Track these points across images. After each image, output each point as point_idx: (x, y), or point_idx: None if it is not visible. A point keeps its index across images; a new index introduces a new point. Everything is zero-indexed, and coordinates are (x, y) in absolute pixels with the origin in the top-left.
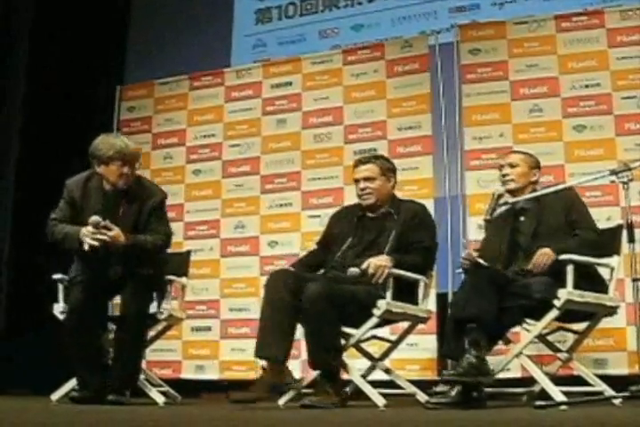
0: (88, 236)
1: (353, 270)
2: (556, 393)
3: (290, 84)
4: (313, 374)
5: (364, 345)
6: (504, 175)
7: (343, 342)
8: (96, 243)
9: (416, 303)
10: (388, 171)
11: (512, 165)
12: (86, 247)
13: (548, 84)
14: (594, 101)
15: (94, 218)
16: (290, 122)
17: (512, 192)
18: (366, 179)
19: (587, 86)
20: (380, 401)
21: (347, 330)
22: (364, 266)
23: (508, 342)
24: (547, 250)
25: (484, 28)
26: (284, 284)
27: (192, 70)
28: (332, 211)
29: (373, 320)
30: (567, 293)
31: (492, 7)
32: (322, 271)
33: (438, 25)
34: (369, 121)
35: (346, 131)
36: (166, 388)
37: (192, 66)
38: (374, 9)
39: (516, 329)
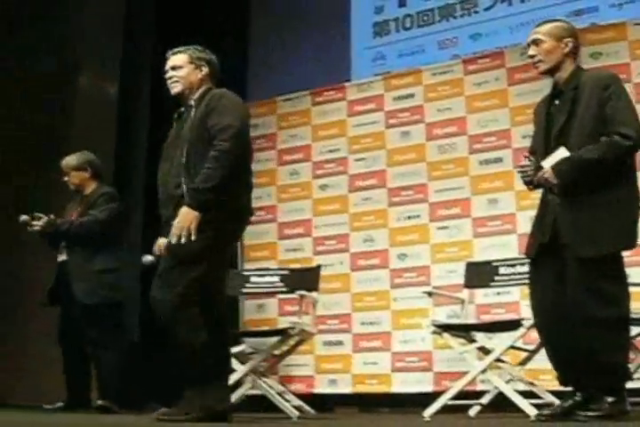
0: None
1: (148, 259)
2: None
3: (412, 95)
4: None
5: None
6: (530, 56)
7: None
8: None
9: None
10: (199, 59)
11: (536, 43)
12: None
13: None
14: None
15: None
16: (414, 134)
17: (547, 73)
18: (173, 68)
19: None
20: (532, 411)
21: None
22: None
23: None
24: (548, 172)
25: (604, 31)
26: None
27: (313, 86)
28: (459, 222)
29: None
30: None
31: (610, 9)
32: None
33: None
34: (493, 130)
35: (470, 141)
36: (299, 402)
37: (313, 81)
38: (491, 17)
39: None
